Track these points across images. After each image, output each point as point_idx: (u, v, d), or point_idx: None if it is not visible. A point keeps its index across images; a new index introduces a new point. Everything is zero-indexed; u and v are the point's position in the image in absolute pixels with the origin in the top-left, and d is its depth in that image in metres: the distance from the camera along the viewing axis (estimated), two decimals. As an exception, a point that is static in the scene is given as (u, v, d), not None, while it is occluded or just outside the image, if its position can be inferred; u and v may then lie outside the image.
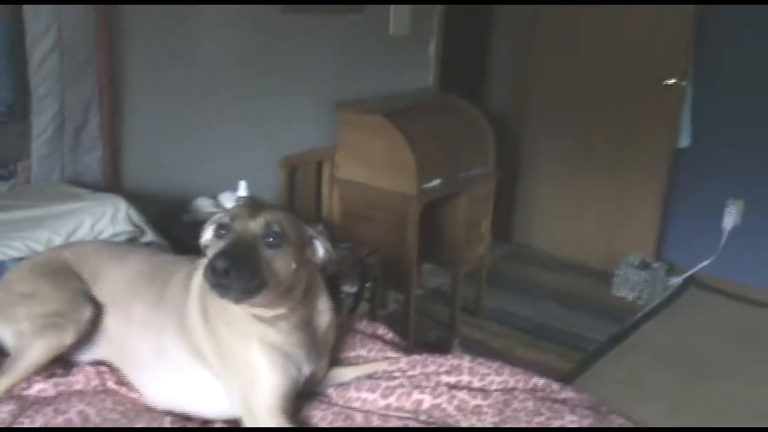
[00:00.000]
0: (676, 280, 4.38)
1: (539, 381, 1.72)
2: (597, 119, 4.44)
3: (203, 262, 1.62)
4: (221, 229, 1.43)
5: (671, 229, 4.45)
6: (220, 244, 1.40)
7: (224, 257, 1.34)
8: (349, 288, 3.48)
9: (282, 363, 1.52)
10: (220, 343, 1.54)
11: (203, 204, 2.91)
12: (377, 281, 3.39)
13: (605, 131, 4.42)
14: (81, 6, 2.40)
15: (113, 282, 1.74)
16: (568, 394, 1.71)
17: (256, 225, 1.41)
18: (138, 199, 2.40)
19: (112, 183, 2.65)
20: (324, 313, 1.67)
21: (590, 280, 4.42)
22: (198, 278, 1.62)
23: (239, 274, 1.33)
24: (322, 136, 3.54)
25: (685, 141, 4.28)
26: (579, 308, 4.08)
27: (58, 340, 1.64)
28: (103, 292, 1.74)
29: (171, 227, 2.63)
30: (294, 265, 1.47)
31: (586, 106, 4.47)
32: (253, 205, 1.48)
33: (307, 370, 1.60)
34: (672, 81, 4.09)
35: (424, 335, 3.63)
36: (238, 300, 1.40)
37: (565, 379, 3.35)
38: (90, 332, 1.70)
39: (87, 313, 1.69)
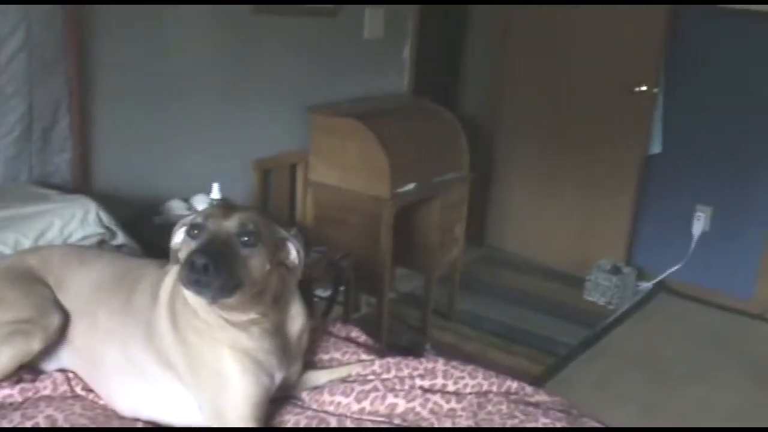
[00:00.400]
0: (646, 285, 4.42)
1: (513, 384, 1.72)
2: (570, 124, 4.47)
3: (172, 267, 1.60)
4: (194, 229, 1.41)
5: (642, 235, 4.48)
6: (194, 244, 1.38)
7: (203, 254, 1.31)
8: (322, 291, 3.47)
9: (254, 370, 1.50)
10: (189, 351, 1.51)
11: (176, 206, 2.89)
12: (350, 285, 3.37)
13: (578, 136, 4.45)
14: (49, 5, 2.36)
15: (78, 288, 1.70)
16: (541, 397, 1.71)
17: (230, 224, 1.40)
18: (109, 201, 2.37)
19: (82, 184, 2.61)
20: (297, 318, 1.64)
21: (562, 285, 4.43)
22: (167, 284, 1.59)
23: (218, 270, 1.31)
24: (295, 139, 3.52)
25: (656, 147, 4.32)
26: (550, 312, 4.09)
27: (26, 347, 1.60)
28: (68, 299, 1.70)
29: (143, 229, 2.59)
30: (268, 266, 1.45)
31: (559, 110, 4.49)
32: (225, 206, 1.47)
33: (279, 376, 1.57)
34: (643, 88, 4.13)
35: (396, 339, 3.62)
36: (214, 298, 1.38)
37: (536, 382, 3.32)
38: (57, 340, 1.66)
39: (55, 320, 1.65)
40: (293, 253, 1.55)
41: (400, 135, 3.42)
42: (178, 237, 1.52)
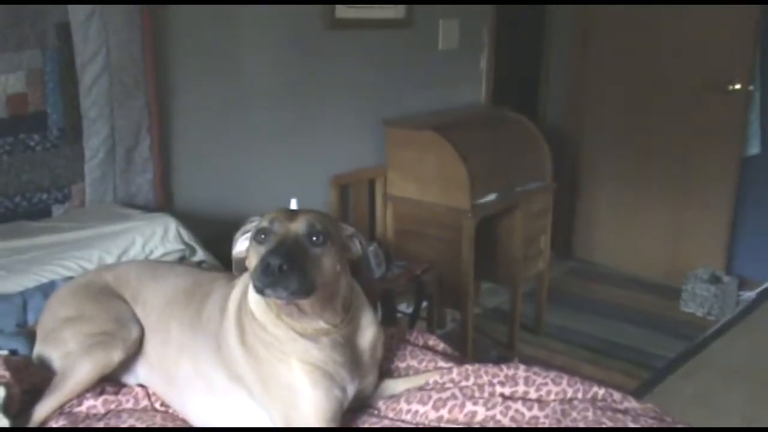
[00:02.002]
0: (749, 295, 4.19)
1: (599, 390, 1.63)
2: (658, 128, 4.31)
3: (240, 281, 1.59)
4: (260, 233, 1.38)
5: (742, 241, 4.26)
6: (263, 249, 1.35)
7: (276, 254, 1.28)
8: (406, 307, 3.42)
9: (325, 383, 1.46)
10: (259, 365, 1.48)
11: (255, 224, 2.90)
12: (434, 299, 3.32)
13: (667, 140, 4.29)
14: (127, 30, 2.43)
15: (152, 303, 1.71)
16: (630, 403, 1.62)
17: (297, 225, 1.37)
18: (190, 220, 2.41)
19: (164, 204, 2.66)
20: (368, 328, 1.59)
21: (656, 296, 4.27)
22: (234, 297, 1.58)
23: (293, 270, 1.28)
24: (373, 153, 3.52)
25: (754, 148, 4.12)
26: (645, 325, 3.94)
27: (106, 359, 1.61)
28: (143, 313, 1.71)
29: (224, 247, 2.61)
30: (338, 266, 1.42)
31: (645, 114, 4.35)
32: (288, 210, 1.45)
33: (352, 389, 1.53)
34: (737, 86, 3.94)
35: (483, 354, 3.54)
36: (289, 300, 1.35)
37: (632, 396, 3.21)
38: (136, 352, 1.68)
39: (134, 332, 1.67)
40: (358, 247, 1.52)
41: (479, 145, 3.37)
42: (240, 245, 1.50)
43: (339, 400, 1.49)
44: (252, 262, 1.38)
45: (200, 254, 2.32)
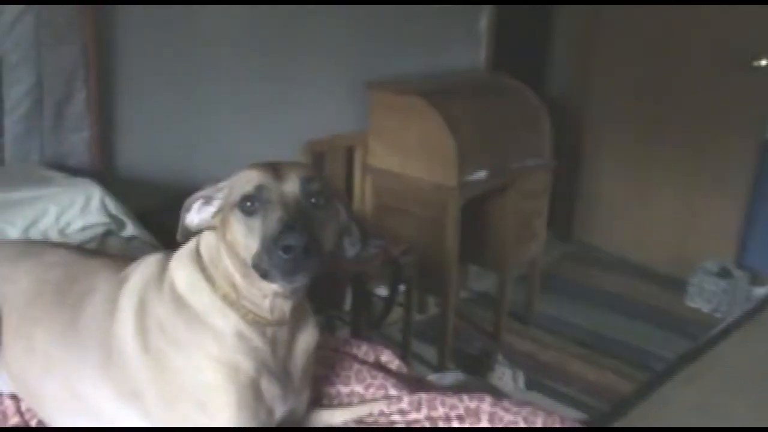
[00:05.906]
0: (761, 291, 3.90)
1: (583, 435, 1.30)
2: (670, 105, 4.00)
3: (138, 270, 1.27)
4: (246, 201, 1.11)
5: (756, 233, 3.95)
6: (256, 222, 1.10)
7: (296, 233, 1.06)
8: (383, 291, 3.12)
9: (254, 405, 1.16)
10: (167, 377, 1.18)
11: (213, 193, 2.58)
12: (412, 283, 3.04)
13: (680, 118, 3.98)
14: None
15: (12, 300, 1.36)
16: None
17: (291, 186, 1.13)
18: (134, 187, 2.14)
19: (102, 168, 2.35)
20: (311, 328, 1.30)
21: (659, 288, 4.01)
22: (132, 292, 1.25)
23: (317, 248, 1.08)
24: (352, 119, 3.23)
25: (775, 131, 3.79)
26: (645, 319, 3.69)
27: None
28: (2, 312, 1.36)
29: (172, 218, 2.29)
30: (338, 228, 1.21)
31: (659, 89, 4.03)
32: (267, 165, 1.16)
33: (281, 411, 1.23)
34: (763, 62, 3.59)
35: (464, 345, 3.26)
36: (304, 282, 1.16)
37: (626, 403, 2.95)
38: None
39: None
40: (344, 213, 1.25)
41: (472, 115, 3.10)
42: (196, 213, 1.23)
43: (264, 424, 1.20)
44: (238, 238, 1.13)
45: (131, 229, 2.01)
